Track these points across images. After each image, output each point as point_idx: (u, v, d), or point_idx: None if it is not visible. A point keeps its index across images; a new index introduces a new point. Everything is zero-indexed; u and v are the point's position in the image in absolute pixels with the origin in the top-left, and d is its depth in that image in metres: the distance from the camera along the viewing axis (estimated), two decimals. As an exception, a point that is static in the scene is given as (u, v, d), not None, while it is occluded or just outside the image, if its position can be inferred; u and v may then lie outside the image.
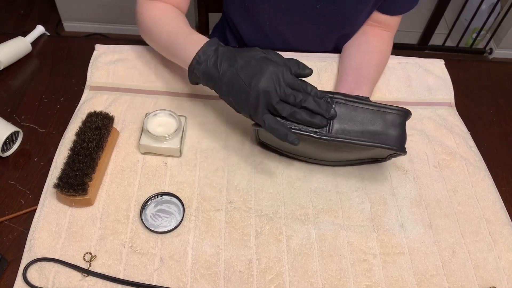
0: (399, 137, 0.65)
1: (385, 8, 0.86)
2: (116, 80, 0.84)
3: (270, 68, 0.61)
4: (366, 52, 0.86)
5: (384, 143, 0.64)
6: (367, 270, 0.64)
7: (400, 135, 0.65)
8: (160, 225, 0.66)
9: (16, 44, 0.86)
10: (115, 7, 2.09)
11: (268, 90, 0.60)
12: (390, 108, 0.65)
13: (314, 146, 0.66)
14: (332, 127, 0.63)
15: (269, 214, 0.68)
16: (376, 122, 0.64)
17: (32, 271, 0.60)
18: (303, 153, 0.72)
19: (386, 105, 0.65)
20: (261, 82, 0.60)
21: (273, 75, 0.60)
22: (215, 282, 0.61)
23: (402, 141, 0.65)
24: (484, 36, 2.30)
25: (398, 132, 0.65)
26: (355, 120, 0.64)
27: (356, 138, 0.63)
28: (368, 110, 0.64)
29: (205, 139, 0.77)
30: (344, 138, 0.63)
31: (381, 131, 0.64)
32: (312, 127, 0.63)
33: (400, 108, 0.65)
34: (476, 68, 0.98)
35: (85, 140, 0.68)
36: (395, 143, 0.64)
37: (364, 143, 0.63)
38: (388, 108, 0.65)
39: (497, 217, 0.71)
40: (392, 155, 0.70)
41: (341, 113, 0.63)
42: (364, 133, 0.63)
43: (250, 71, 0.61)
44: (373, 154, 0.70)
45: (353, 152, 0.69)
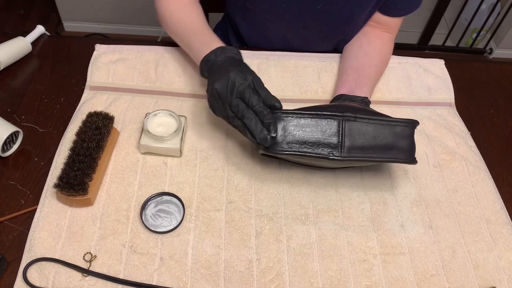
0: (409, 148, 0.66)
1: (387, 9, 0.86)
2: (116, 80, 0.84)
3: (230, 75, 0.65)
4: (367, 52, 0.86)
5: (395, 158, 0.65)
6: (367, 270, 0.64)
7: (409, 146, 0.66)
8: (160, 225, 0.66)
9: (16, 44, 0.86)
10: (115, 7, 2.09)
11: (219, 92, 0.65)
12: (399, 121, 0.66)
13: (325, 162, 0.67)
14: (344, 145, 0.64)
15: (269, 214, 0.68)
16: (386, 136, 0.65)
17: (32, 271, 0.60)
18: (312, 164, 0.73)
19: (395, 119, 0.66)
20: (216, 82, 0.65)
21: (227, 83, 0.64)
22: (215, 282, 0.61)
23: (412, 151, 0.67)
24: (484, 36, 2.30)
25: (408, 143, 0.66)
26: (365, 136, 0.65)
27: (369, 155, 0.64)
28: (377, 125, 0.65)
29: (205, 139, 0.77)
30: (357, 157, 0.64)
31: (392, 144, 0.65)
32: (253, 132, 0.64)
33: (408, 120, 0.67)
34: (476, 68, 0.98)
35: (85, 140, 0.68)
36: (406, 155, 0.66)
37: (376, 160, 0.65)
38: (397, 122, 0.66)
39: (497, 217, 0.71)
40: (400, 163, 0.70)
41: (351, 129, 0.64)
42: (375, 148, 0.65)
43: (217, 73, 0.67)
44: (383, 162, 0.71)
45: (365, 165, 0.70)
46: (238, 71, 0.65)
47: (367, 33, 0.89)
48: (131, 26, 2.17)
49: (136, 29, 2.18)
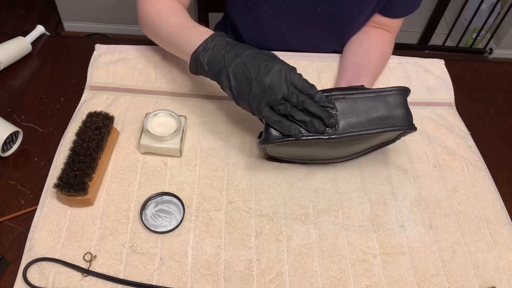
0: (405, 115, 0.65)
1: (386, 11, 0.86)
2: (116, 80, 0.84)
3: (277, 65, 0.61)
4: (366, 48, 0.86)
5: (393, 126, 0.64)
6: (367, 270, 0.64)
7: (405, 113, 0.65)
8: (160, 225, 0.66)
9: (16, 44, 0.86)
10: (115, 7, 2.09)
11: (272, 85, 0.60)
12: (388, 90, 0.65)
13: (325, 147, 0.66)
14: (338, 124, 0.63)
15: (269, 214, 0.68)
16: (379, 108, 0.64)
17: (32, 271, 0.60)
18: (315, 156, 0.72)
19: (383, 88, 0.65)
20: (268, 76, 0.60)
21: (280, 71, 0.60)
22: (215, 282, 0.61)
23: (409, 118, 0.65)
24: (484, 36, 2.30)
25: (403, 111, 0.65)
26: (358, 111, 0.63)
27: (365, 128, 0.63)
28: (367, 98, 0.64)
29: (205, 139, 0.77)
30: (353, 132, 0.62)
31: (387, 114, 0.64)
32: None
33: (398, 87, 0.65)
34: (476, 68, 0.98)
35: (85, 140, 0.68)
36: (403, 122, 0.64)
37: (374, 131, 0.63)
38: (387, 91, 0.65)
39: (497, 217, 0.71)
40: (401, 134, 0.69)
41: (342, 108, 0.63)
42: (370, 122, 0.63)
43: (257, 64, 0.61)
44: (383, 139, 0.70)
45: (365, 142, 0.68)
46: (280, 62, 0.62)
47: (367, 31, 0.90)
48: (131, 26, 2.17)
49: (136, 29, 2.18)
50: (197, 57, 0.66)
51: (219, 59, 0.64)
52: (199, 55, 0.66)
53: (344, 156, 0.73)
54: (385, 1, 0.83)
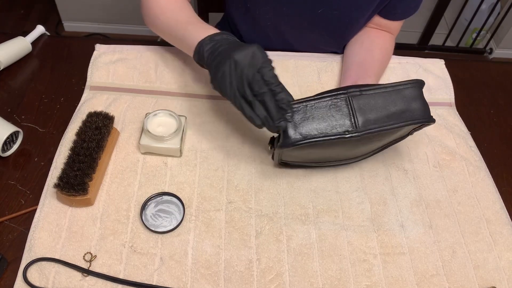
0: (423, 108, 0.65)
1: (386, 13, 0.86)
2: (116, 80, 0.84)
3: (254, 48, 0.61)
4: (369, 48, 0.86)
5: (412, 119, 0.63)
6: (367, 270, 0.64)
7: (423, 106, 0.65)
8: (160, 225, 0.66)
9: (16, 44, 0.86)
10: (115, 7, 2.09)
11: (240, 62, 0.60)
12: (404, 84, 0.65)
13: (345, 146, 0.66)
14: (357, 121, 0.62)
15: (269, 214, 0.68)
16: (396, 102, 0.64)
17: (32, 271, 0.60)
18: (330, 158, 0.71)
19: (399, 82, 0.65)
20: (239, 53, 0.61)
21: (253, 55, 0.61)
22: (215, 282, 0.61)
23: (427, 110, 0.65)
24: (484, 36, 2.30)
25: (420, 103, 0.65)
26: (376, 107, 0.63)
27: (385, 124, 0.62)
28: (384, 93, 0.64)
29: (205, 139, 0.77)
30: (374, 128, 0.62)
31: (405, 108, 0.64)
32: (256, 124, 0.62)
33: (414, 80, 0.65)
34: (476, 68, 0.98)
35: (85, 140, 0.68)
36: (422, 115, 0.64)
37: (394, 126, 0.62)
38: (402, 84, 0.65)
39: (497, 217, 0.71)
40: (416, 128, 0.69)
41: (360, 104, 0.63)
42: (389, 117, 0.63)
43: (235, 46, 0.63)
44: (399, 134, 0.70)
45: (383, 139, 0.68)
46: (259, 47, 0.62)
47: (368, 32, 0.90)
48: (131, 26, 2.17)
49: (136, 29, 2.18)
50: (202, 44, 0.67)
51: (217, 52, 0.65)
52: (204, 43, 0.67)
53: (359, 156, 0.73)
54: (385, 3, 0.83)
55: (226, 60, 0.61)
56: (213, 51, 0.66)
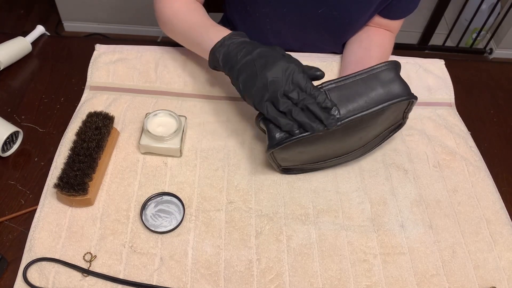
0: (403, 87, 0.64)
1: (386, 12, 0.86)
2: (116, 80, 0.84)
3: (282, 62, 0.62)
4: (367, 47, 0.86)
5: (392, 98, 0.63)
6: (367, 270, 0.64)
7: (401, 85, 0.64)
8: (160, 225, 0.66)
9: (16, 44, 0.86)
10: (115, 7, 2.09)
11: (275, 80, 0.61)
12: (378, 67, 0.64)
13: (332, 141, 0.65)
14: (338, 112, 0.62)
15: (269, 214, 0.68)
16: (374, 87, 0.63)
17: (32, 271, 0.60)
18: (325, 156, 0.71)
19: (372, 67, 0.64)
20: (271, 71, 0.61)
21: (283, 68, 0.62)
22: (215, 282, 0.61)
23: (407, 88, 0.64)
24: (484, 36, 2.30)
25: (398, 84, 0.64)
26: (354, 95, 0.62)
27: (365, 108, 0.62)
28: (359, 80, 0.63)
29: (205, 139, 0.77)
30: (355, 114, 0.61)
31: (383, 91, 0.63)
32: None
33: (386, 62, 0.65)
34: (476, 68, 0.98)
35: (85, 140, 0.68)
36: (402, 93, 0.63)
37: (375, 109, 0.62)
38: (376, 68, 0.64)
39: (497, 217, 0.71)
40: (406, 111, 0.69)
41: (337, 96, 0.62)
42: (369, 102, 0.62)
43: (264, 60, 0.63)
44: (390, 120, 0.69)
45: (371, 126, 0.67)
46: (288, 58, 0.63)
47: (367, 30, 0.90)
48: (131, 26, 2.17)
49: (136, 29, 2.18)
50: (214, 52, 0.69)
51: (232, 55, 0.66)
52: (216, 51, 0.69)
53: (355, 149, 0.72)
54: (385, 3, 0.83)
55: (259, 78, 0.62)
56: (229, 58, 0.66)
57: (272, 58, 0.63)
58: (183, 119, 0.75)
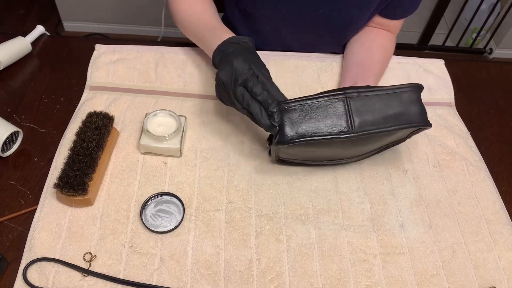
0: (421, 112, 0.65)
1: (386, 12, 0.86)
2: (116, 80, 0.84)
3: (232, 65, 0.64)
4: (369, 48, 0.86)
5: (409, 122, 0.64)
6: (367, 270, 0.64)
7: (420, 110, 0.65)
8: (160, 225, 0.66)
9: (16, 44, 0.86)
10: (115, 7, 2.09)
11: (237, 67, 0.64)
12: (402, 87, 0.65)
13: (340, 147, 0.66)
14: (354, 122, 0.62)
15: (269, 214, 0.68)
16: (394, 105, 0.63)
17: (32, 271, 0.60)
18: (327, 157, 0.72)
19: (397, 86, 0.65)
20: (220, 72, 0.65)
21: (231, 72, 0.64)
22: (215, 282, 0.61)
23: (424, 115, 0.65)
24: (484, 36, 2.30)
25: (418, 107, 0.65)
26: (373, 109, 0.63)
27: (381, 126, 0.62)
28: (382, 95, 0.64)
29: (205, 139, 0.77)
30: (370, 130, 0.62)
31: (402, 111, 0.64)
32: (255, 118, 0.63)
33: (412, 84, 0.65)
34: (476, 68, 0.98)
35: (85, 140, 0.68)
36: (419, 119, 0.64)
37: (390, 129, 0.63)
38: (401, 88, 0.65)
39: (497, 217, 0.71)
40: (414, 132, 0.69)
41: (357, 106, 0.62)
42: (386, 119, 0.63)
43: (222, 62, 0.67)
44: (396, 137, 0.70)
45: (379, 141, 0.68)
46: (242, 60, 0.64)
47: (368, 31, 0.90)
48: (131, 26, 2.17)
49: (136, 29, 2.18)
50: (214, 57, 0.71)
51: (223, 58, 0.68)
52: (214, 55, 0.71)
53: (355, 156, 0.73)
54: (385, 3, 0.83)
55: (217, 77, 0.66)
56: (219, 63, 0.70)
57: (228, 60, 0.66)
58: (183, 119, 0.75)
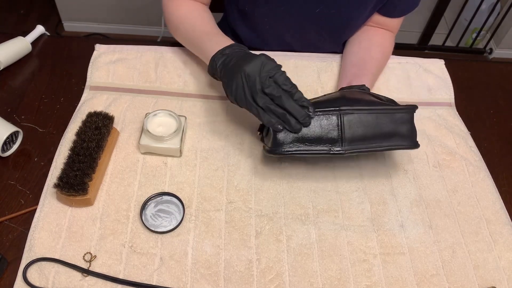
0: (410, 133, 0.67)
1: (385, 11, 0.86)
2: (116, 80, 0.84)
3: (262, 58, 0.64)
4: (366, 47, 0.86)
5: (397, 144, 0.66)
6: (367, 270, 0.64)
7: (410, 131, 0.67)
8: (160, 225, 0.66)
9: (16, 44, 0.86)
10: (115, 7, 2.09)
11: (251, 74, 0.62)
12: (397, 109, 0.66)
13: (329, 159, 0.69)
14: (344, 138, 0.64)
15: (269, 214, 0.68)
16: (386, 124, 0.66)
17: (32, 271, 0.60)
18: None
19: (393, 107, 0.67)
20: (248, 65, 0.63)
21: (263, 64, 0.63)
22: (215, 282, 0.61)
23: (414, 136, 0.67)
24: (484, 36, 2.30)
25: (408, 128, 0.67)
26: (365, 126, 0.65)
27: (370, 146, 0.65)
28: (376, 114, 0.65)
29: (205, 139, 0.77)
30: (359, 149, 0.65)
31: (393, 131, 0.66)
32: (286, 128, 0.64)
33: (406, 106, 0.67)
34: (476, 68, 0.98)
35: (85, 140, 0.68)
36: (408, 142, 0.67)
37: (379, 150, 0.66)
38: (396, 110, 0.66)
39: (497, 217, 0.71)
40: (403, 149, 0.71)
41: (350, 122, 0.65)
42: (376, 138, 0.65)
43: (244, 58, 0.65)
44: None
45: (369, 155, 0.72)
46: (267, 56, 0.65)
47: (367, 30, 0.90)
48: (131, 26, 2.17)
49: (136, 29, 2.18)
50: (214, 59, 0.70)
51: (226, 63, 0.68)
52: (216, 57, 0.70)
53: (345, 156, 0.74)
54: (383, 1, 0.83)
55: (238, 73, 0.64)
56: (224, 65, 0.68)
57: (252, 55, 0.65)
58: (183, 119, 0.75)
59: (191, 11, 0.82)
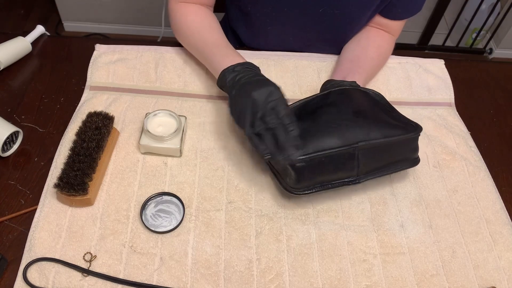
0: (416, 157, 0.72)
1: (387, 12, 0.86)
2: (116, 80, 0.84)
3: (271, 88, 0.65)
4: (364, 46, 0.86)
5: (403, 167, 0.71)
6: (367, 270, 0.64)
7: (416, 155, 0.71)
8: (160, 225, 0.66)
9: (16, 44, 0.86)
10: (115, 7, 2.09)
11: (257, 100, 0.64)
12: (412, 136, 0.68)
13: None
14: (360, 170, 0.66)
15: (269, 214, 0.68)
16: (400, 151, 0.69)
17: (32, 271, 0.60)
18: None
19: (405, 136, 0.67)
20: (256, 91, 0.64)
21: (270, 93, 0.64)
22: (215, 282, 0.61)
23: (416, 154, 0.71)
24: (484, 36, 2.30)
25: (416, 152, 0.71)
26: (379, 156, 0.67)
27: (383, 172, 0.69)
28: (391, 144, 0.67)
29: (205, 139, 0.77)
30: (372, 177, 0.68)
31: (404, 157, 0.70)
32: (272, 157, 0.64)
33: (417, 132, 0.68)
34: (476, 68, 0.98)
35: (85, 140, 0.68)
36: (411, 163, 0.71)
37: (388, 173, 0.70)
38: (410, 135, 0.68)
39: (497, 217, 0.71)
40: None
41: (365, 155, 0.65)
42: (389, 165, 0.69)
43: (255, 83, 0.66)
44: None
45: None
46: (276, 87, 0.66)
47: (367, 30, 0.90)
48: (131, 26, 2.17)
49: (136, 29, 2.18)
50: (225, 73, 0.72)
51: (236, 80, 0.69)
52: (227, 72, 0.72)
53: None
54: (386, 2, 0.83)
55: (245, 97, 0.65)
56: (234, 82, 0.70)
57: (262, 82, 0.66)
58: (183, 119, 0.75)
59: (199, 20, 0.82)
